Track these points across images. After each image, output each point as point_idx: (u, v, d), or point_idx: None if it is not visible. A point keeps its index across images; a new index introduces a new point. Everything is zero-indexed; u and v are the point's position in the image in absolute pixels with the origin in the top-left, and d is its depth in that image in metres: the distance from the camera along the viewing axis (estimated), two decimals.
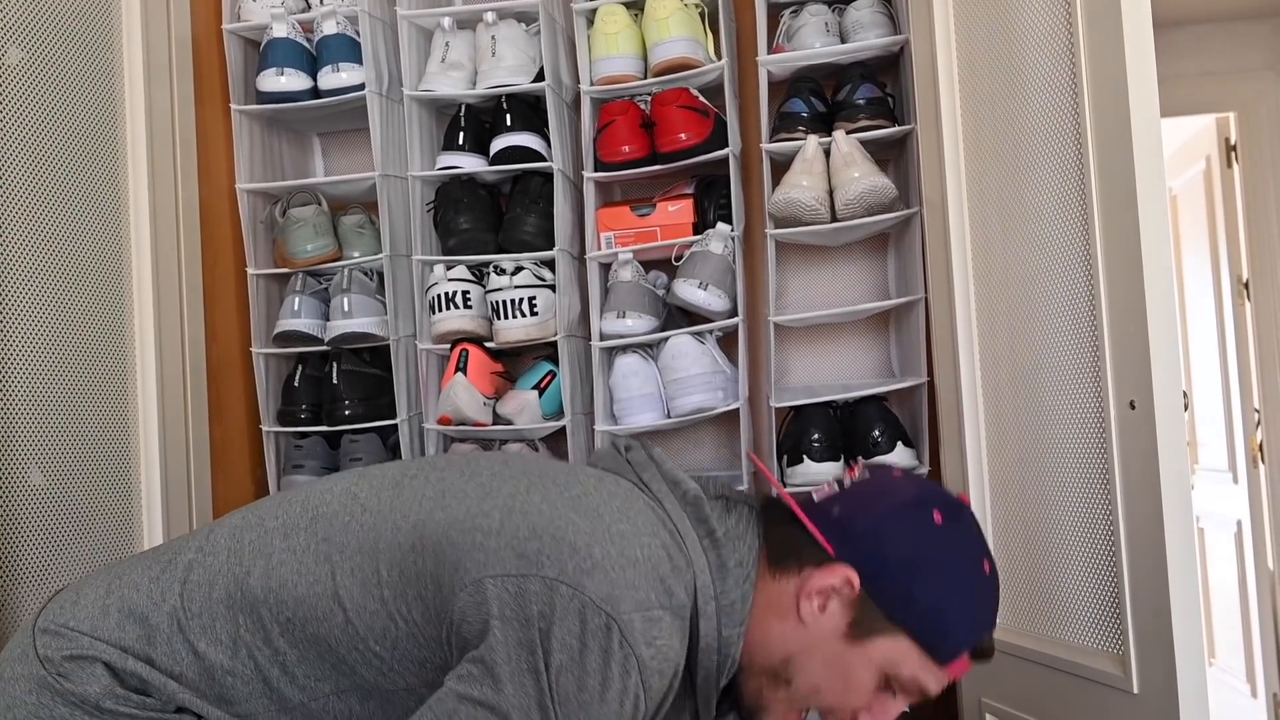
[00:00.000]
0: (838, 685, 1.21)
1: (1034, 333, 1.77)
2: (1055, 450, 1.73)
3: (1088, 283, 1.62)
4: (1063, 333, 1.69)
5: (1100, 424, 1.61)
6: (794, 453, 2.32)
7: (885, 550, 1.20)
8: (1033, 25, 1.73)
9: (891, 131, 2.31)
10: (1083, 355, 1.64)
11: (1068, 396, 1.69)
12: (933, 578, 1.20)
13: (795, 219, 2.30)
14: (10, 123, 1.93)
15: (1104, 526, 1.63)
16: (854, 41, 2.39)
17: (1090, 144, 1.58)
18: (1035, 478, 1.79)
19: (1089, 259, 1.60)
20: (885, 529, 1.21)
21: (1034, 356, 1.78)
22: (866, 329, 2.65)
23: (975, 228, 1.94)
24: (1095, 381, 1.61)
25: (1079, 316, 1.65)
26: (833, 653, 1.21)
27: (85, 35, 2.15)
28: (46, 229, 2.01)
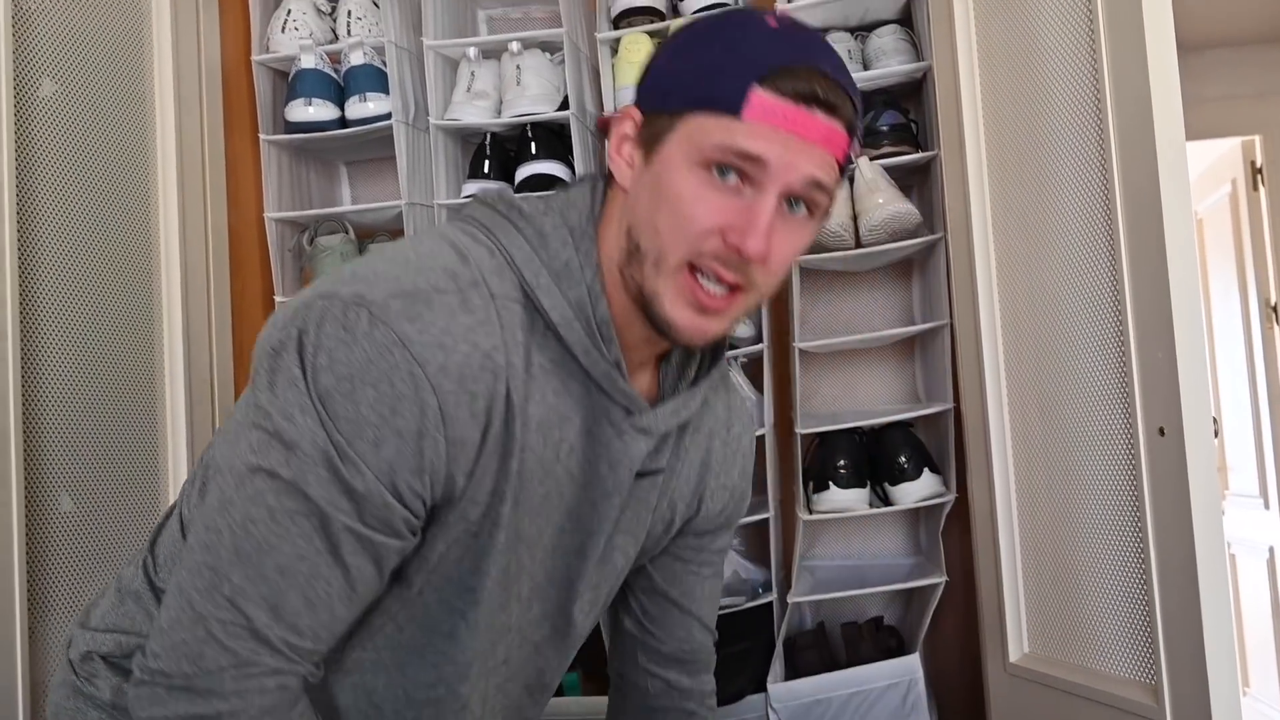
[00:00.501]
0: (666, 207, 1.02)
1: (1061, 358, 1.74)
2: (1084, 476, 1.70)
3: (1114, 307, 1.59)
4: (1090, 358, 1.66)
5: (1129, 450, 1.58)
6: (820, 479, 2.29)
7: (649, 70, 1.09)
8: (1056, 50, 1.71)
9: (915, 158, 2.29)
10: (1110, 381, 1.62)
11: (1096, 422, 1.66)
12: (683, 50, 1.05)
13: (819, 245, 2.28)
14: (44, 153, 1.94)
15: (1135, 554, 1.59)
16: (877, 69, 2.37)
17: (1115, 168, 1.56)
18: (1064, 504, 1.76)
19: (1115, 284, 1.58)
20: (653, 61, 1.10)
21: (1061, 382, 1.75)
22: (891, 354, 2.62)
23: (1000, 253, 1.91)
24: (1124, 407, 1.58)
25: (1106, 342, 1.62)
26: (647, 185, 1.05)
27: (117, 67, 2.16)
28: (78, 257, 2.01)
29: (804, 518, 2.29)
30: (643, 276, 1.04)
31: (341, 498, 0.96)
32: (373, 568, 1.00)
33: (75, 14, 2.03)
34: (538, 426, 1.05)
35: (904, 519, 2.54)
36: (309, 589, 0.98)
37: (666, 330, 1.05)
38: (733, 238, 1.00)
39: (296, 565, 0.97)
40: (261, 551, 0.97)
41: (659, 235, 1.03)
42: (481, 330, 1.00)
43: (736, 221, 1.01)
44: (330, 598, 0.99)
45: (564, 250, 1.07)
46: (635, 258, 1.05)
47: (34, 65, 1.94)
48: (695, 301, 1.03)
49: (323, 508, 0.96)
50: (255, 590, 0.97)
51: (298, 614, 0.98)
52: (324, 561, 0.98)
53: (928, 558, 2.41)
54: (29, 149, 1.90)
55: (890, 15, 2.45)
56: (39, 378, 1.88)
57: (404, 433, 0.96)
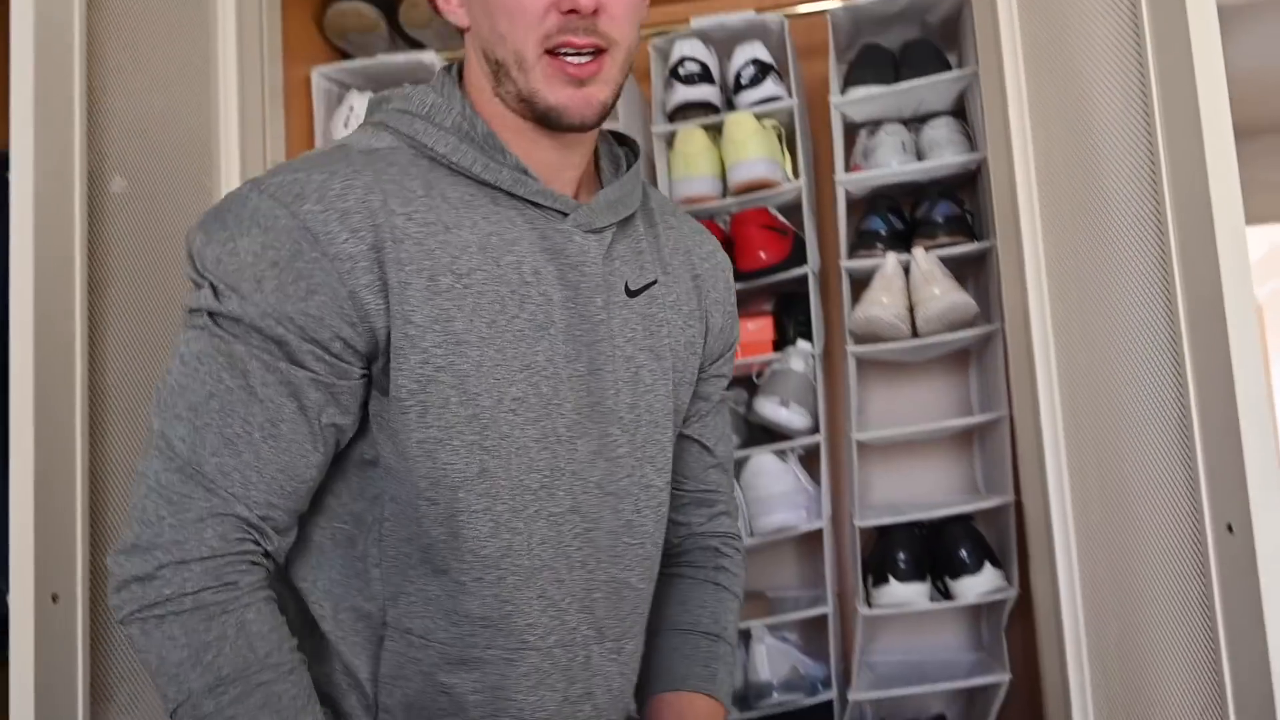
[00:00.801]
0: (499, 12, 1.10)
1: (1124, 453, 1.70)
2: (1151, 574, 1.65)
3: (1178, 401, 1.55)
4: (1154, 452, 1.62)
5: (1197, 547, 1.53)
6: (879, 573, 2.25)
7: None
8: (1112, 140, 1.69)
9: (971, 248, 2.28)
10: (1176, 476, 1.57)
11: (1162, 518, 1.61)
12: None
13: (876, 336, 2.26)
14: (115, 248, 1.95)
15: (1206, 654, 1.54)
16: (931, 160, 2.37)
17: (1175, 256, 1.53)
18: (1131, 601, 1.71)
19: (1178, 376, 1.54)
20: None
21: (1124, 477, 1.71)
22: (949, 445, 2.59)
23: (1060, 344, 1.88)
24: (1190, 503, 1.54)
25: (1170, 435, 1.58)
26: (478, 7, 1.14)
27: (186, 163, 2.19)
28: (149, 351, 2.02)
29: (864, 612, 2.24)
30: (515, 84, 1.12)
31: (239, 337, 1.04)
32: (293, 404, 1.05)
33: (146, 113, 2.06)
34: (479, 249, 1.11)
35: (966, 614, 2.48)
36: (225, 426, 1.04)
37: (558, 116, 1.11)
38: (565, 4, 1.07)
39: (208, 403, 1.05)
40: (175, 393, 1.06)
41: (506, 39, 1.10)
42: (353, 175, 1.07)
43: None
44: (251, 435, 1.04)
45: (429, 96, 1.16)
46: (501, 72, 1.12)
47: (106, 162, 1.97)
48: (567, 77, 1.10)
49: (226, 346, 1.04)
50: (175, 432, 1.05)
51: (217, 451, 1.04)
52: (237, 399, 1.04)
53: (990, 654, 2.35)
54: (100, 243, 1.92)
55: (943, 108, 2.46)
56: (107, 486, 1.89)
57: (279, 262, 1.03)
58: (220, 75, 2.27)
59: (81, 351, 1.82)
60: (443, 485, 1.10)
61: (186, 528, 1.03)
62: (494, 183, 1.13)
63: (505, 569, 1.12)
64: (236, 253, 1.05)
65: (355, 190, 1.06)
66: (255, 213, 1.05)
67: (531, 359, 1.12)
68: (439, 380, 1.08)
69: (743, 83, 2.46)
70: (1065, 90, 1.81)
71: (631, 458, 1.20)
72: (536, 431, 1.12)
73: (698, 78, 2.44)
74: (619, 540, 1.19)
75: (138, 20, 2.04)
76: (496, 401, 1.10)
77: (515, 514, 1.12)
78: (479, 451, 1.10)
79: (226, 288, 1.05)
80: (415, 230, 1.08)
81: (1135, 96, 1.63)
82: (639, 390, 1.21)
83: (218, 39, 2.27)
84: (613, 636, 1.19)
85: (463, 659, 1.12)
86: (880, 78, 2.41)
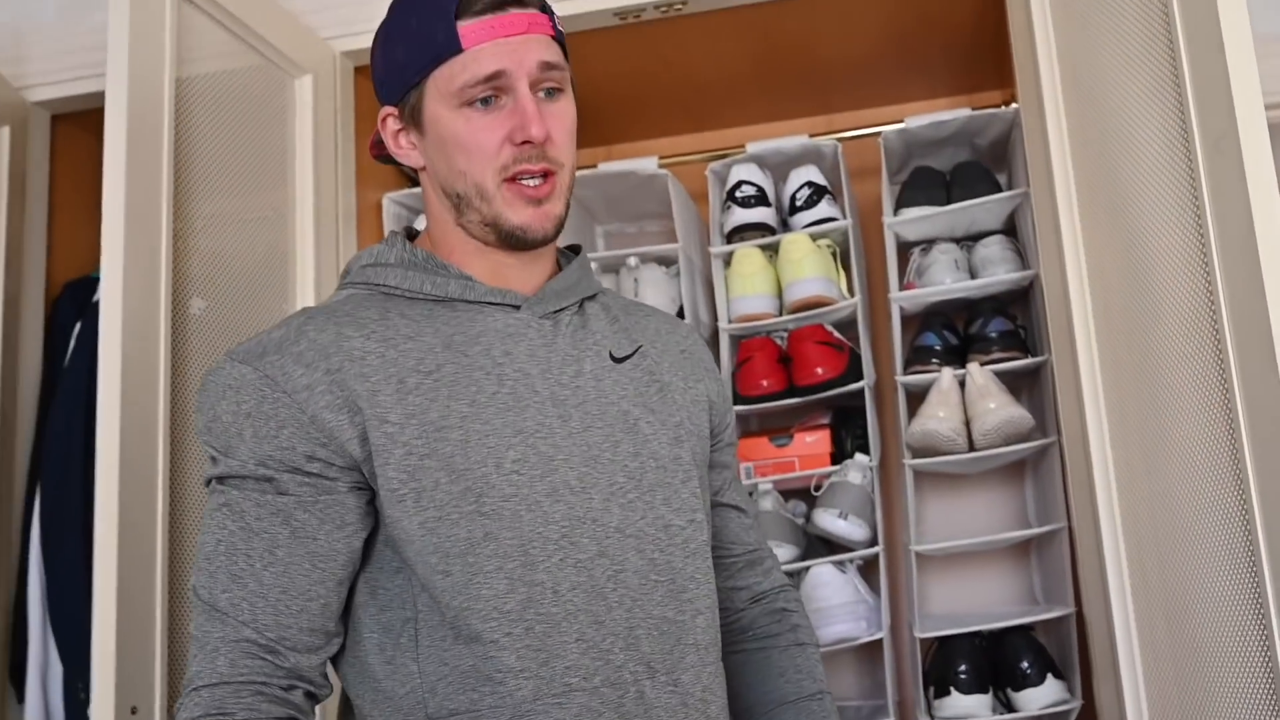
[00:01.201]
0: (457, 151, 1.23)
1: (1187, 564, 1.69)
2: (1218, 687, 1.63)
3: (1243, 518, 1.54)
4: (1219, 567, 1.60)
5: (1265, 658, 1.51)
6: (940, 684, 2.23)
7: (375, 72, 1.30)
8: (1166, 256, 1.70)
9: (1025, 363, 2.29)
10: (1243, 590, 1.56)
11: (1227, 630, 1.59)
12: (391, 40, 1.27)
13: (933, 449, 2.27)
14: (194, 368, 2.00)
15: None
16: (984, 277, 2.39)
17: (1234, 367, 1.52)
18: (1198, 715, 1.68)
19: (1242, 492, 1.53)
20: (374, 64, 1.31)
21: (1188, 588, 1.69)
22: (1007, 556, 2.57)
23: (1118, 455, 1.88)
24: (1258, 618, 1.52)
25: (1236, 551, 1.56)
26: (433, 146, 1.25)
27: (261, 287, 2.25)
28: None
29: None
30: (478, 213, 1.24)
31: (236, 487, 1.16)
32: (285, 530, 1.15)
33: (225, 237, 2.12)
34: (445, 348, 1.21)
35: None
36: (231, 564, 1.15)
37: (522, 234, 1.24)
38: (518, 136, 1.20)
39: (216, 549, 1.16)
40: (198, 552, 1.18)
41: (466, 175, 1.23)
42: (306, 323, 1.20)
43: (513, 124, 1.21)
44: (253, 566, 1.15)
45: (376, 248, 1.30)
46: (463, 203, 1.25)
47: (186, 284, 2.02)
48: (526, 199, 1.23)
49: (225, 498, 1.17)
50: (198, 582, 1.17)
51: (227, 588, 1.15)
52: (238, 539, 1.15)
53: None
54: (181, 362, 1.96)
55: (995, 226, 2.49)
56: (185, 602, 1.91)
57: (251, 412, 1.15)
58: (297, 200, 2.35)
59: (163, 469, 1.86)
60: (451, 555, 1.16)
61: (205, 659, 1.15)
62: (444, 295, 1.25)
63: (531, 619, 1.16)
64: (219, 418, 1.17)
65: (307, 334, 1.19)
66: (228, 378, 1.18)
67: (521, 425, 1.20)
68: (425, 466, 1.16)
69: (798, 204, 2.50)
70: (1116, 210, 1.83)
71: (641, 501, 1.25)
72: (546, 486, 1.19)
73: (754, 200, 2.49)
74: (648, 579, 1.23)
75: (220, 151, 2.12)
76: (495, 468, 1.17)
77: (529, 568, 1.17)
78: (478, 518, 1.16)
79: (218, 451, 1.18)
80: (374, 346, 1.19)
81: (1188, 207, 1.64)
82: (639, 440, 1.27)
83: (294, 166, 2.35)
84: (664, 670, 1.22)
85: (516, 715, 1.15)
86: (932, 199, 2.45)
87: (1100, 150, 1.87)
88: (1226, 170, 1.49)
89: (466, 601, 1.15)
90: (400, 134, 1.29)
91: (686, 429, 1.34)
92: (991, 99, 2.73)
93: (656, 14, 2.32)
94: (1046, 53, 1.98)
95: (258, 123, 2.23)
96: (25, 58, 2.49)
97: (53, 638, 2.23)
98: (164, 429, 1.86)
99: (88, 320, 2.36)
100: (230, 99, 2.15)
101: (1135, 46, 1.74)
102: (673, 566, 1.26)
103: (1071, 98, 1.95)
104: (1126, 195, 1.79)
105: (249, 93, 2.21)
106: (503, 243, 1.26)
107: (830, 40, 2.52)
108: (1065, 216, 1.94)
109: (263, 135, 2.25)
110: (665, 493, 1.28)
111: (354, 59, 2.48)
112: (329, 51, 2.43)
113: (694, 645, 1.26)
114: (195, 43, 2.04)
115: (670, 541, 1.26)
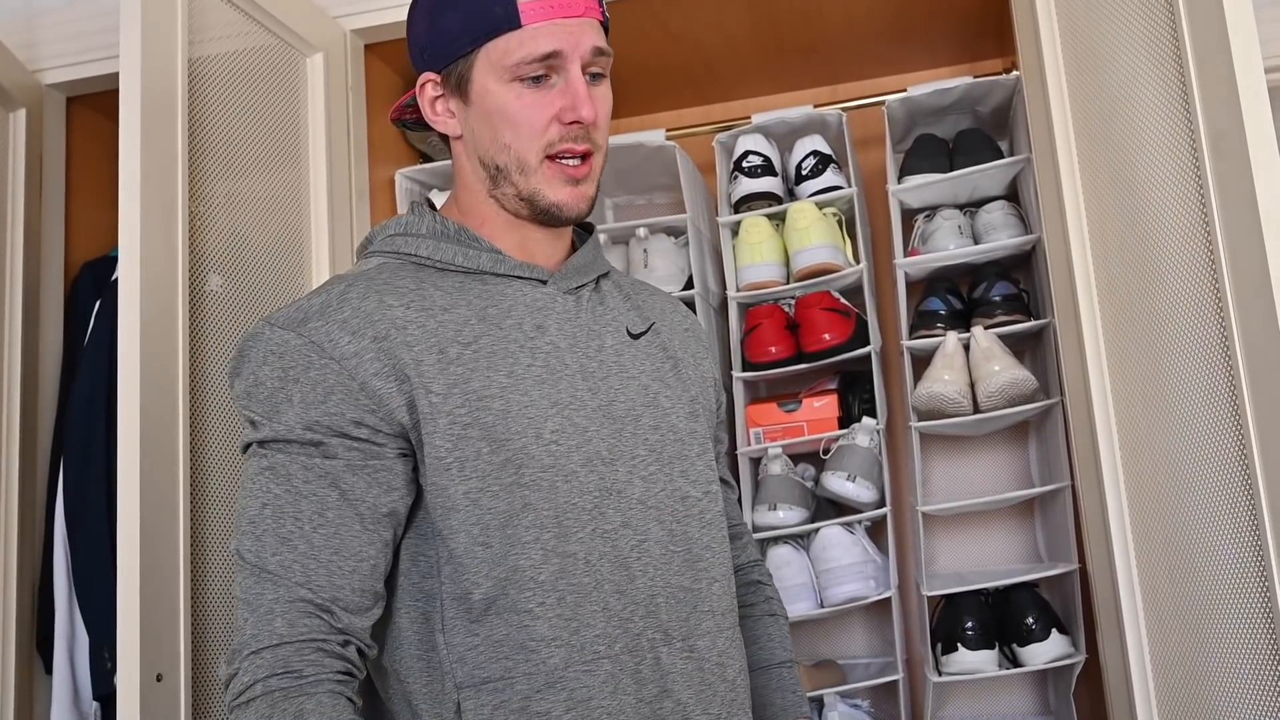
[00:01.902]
0: (504, 123, 1.22)
1: (1190, 523, 1.68)
2: (1222, 643, 1.62)
3: (1244, 474, 1.53)
4: (1221, 522, 1.60)
5: (1268, 617, 1.50)
6: (948, 641, 2.23)
7: (418, 39, 1.27)
8: (1167, 218, 1.69)
9: (1029, 325, 2.27)
10: (1244, 545, 1.55)
11: (1230, 588, 1.59)
12: (439, 8, 1.24)
13: (939, 412, 2.26)
14: (211, 344, 2.00)
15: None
16: (987, 242, 2.37)
17: (1235, 327, 1.52)
18: (1201, 669, 1.68)
19: (1243, 449, 1.52)
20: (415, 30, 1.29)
21: (1190, 542, 1.68)
22: (1012, 515, 2.57)
23: (1120, 414, 1.87)
24: (1260, 573, 1.52)
25: (1237, 506, 1.56)
26: (477, 117, 1.24)
27: (277, 263, 2.24)
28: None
29: (933, 679, 2.22)
30: (515, 186, 1.24)
31: (281, 450, 1.14)
32: (334, 493, 1.13)
33: (239, 218, 2.11)
34: (479, 320, 1.21)
35: (1033, 680, 2.45)
36: (279, 528, 1.13)
37: (558, 211, 1.24)
38: (568, 115, 1.21)
39: (262, 512, 1.14)
40: (240, 516, 1.15)
41: (510, 148, 1.22)
42: (347, 290, 1.19)
43: (564, 104, 1.21)
44: (302, 529, 1.13)
45: (403, 218, 1.29)
46: (501, 175, 1.24)
47: (203, 262, 2.01)
48: (566, 177, 1.23)
49: (269, 462, 1.14)
50: (244, 546, 1.14)
51: (277, 551, 1.12)
52: (285, 502, 1.13)
53: (1059, 718, 2.31)
54: (199, 339, 1.96)
55: (997, 192, 2.47)
56: (208, 572, 1.92)
57: (298, 378, 1.14)
58: (311, 177, 2.33)
59: (184, 442, 1.86)
60: (491, 528, 1.16)
61: (259, 621, 1.12)
62: (475, 268, 1.25)
63: (563, 589, 1.17)
64: (262, 383, 1.16)
65: (350, 301, 1.18)
66: (269, 344, 1.16)
67: (556, 397, 1.20)
68: (468, 436, 1.16)
69: (804, 173, 2.49)
70: (1117, 174, 1.81)
71: (662, 474, 1.27)
72: (581, 457, 1.20)
73: (760, 170, 2.47)
74: (667, 549, 1.25)
75: (234, 128, 2.11)
76: (535, 438, 1.18)
77: (563, 539, 1.17)
78: (518, 489, 1.16)
79: (262, 416, 1.15)
80: (415, 315, 1.18)
81: (1188, 169, 1.63)
82: (659, 414, 1.29)
83: (308, 144, 2.34)
84: (680, 636, 1.23)
85: (549, 683, 1.16)
86: (935, 166, 2.43)
87: (1101, 115, 1.86)
88: (1227, 132, 1.48)
89: (505, 573, 1.16)
90: (438, 100, 1.28)
91: (700, 404, 1.36)
92: (993, 67, 2.70)
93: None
94: (1047, 20, 1.96)
95: (270, 101, 2.22)
96: (39, 41, 2.48)
97: (78, 609, 2.24)
98: (183, 403, 1.86)
99: (107, 299, 2.35)
100: (242, 78, 2.13)
101: (1135, 11, 1.72)
102: (689, 536, 1.27)
103: (1072, 64, 1.93)
104: (1127, 159, 1.78)
105: (261, 72, 2.19)
106: (535, 217, 1.26)
107: (833, 11, 2.50)
108: (1067, 181, 1.92)
109: (275, 114, 2.24)
110: (683, 465, 1.29)
111: (364, 37, 2.46)
112: (339, 30, 2.41)
113: (710, 612, 1.27)
114: (207, 23, 2.03)
115: (688, 513, 1.28)
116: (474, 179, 1.28)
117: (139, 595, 1.72)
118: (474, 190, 1.28)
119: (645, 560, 1.22)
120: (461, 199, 1.30)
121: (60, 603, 2.26)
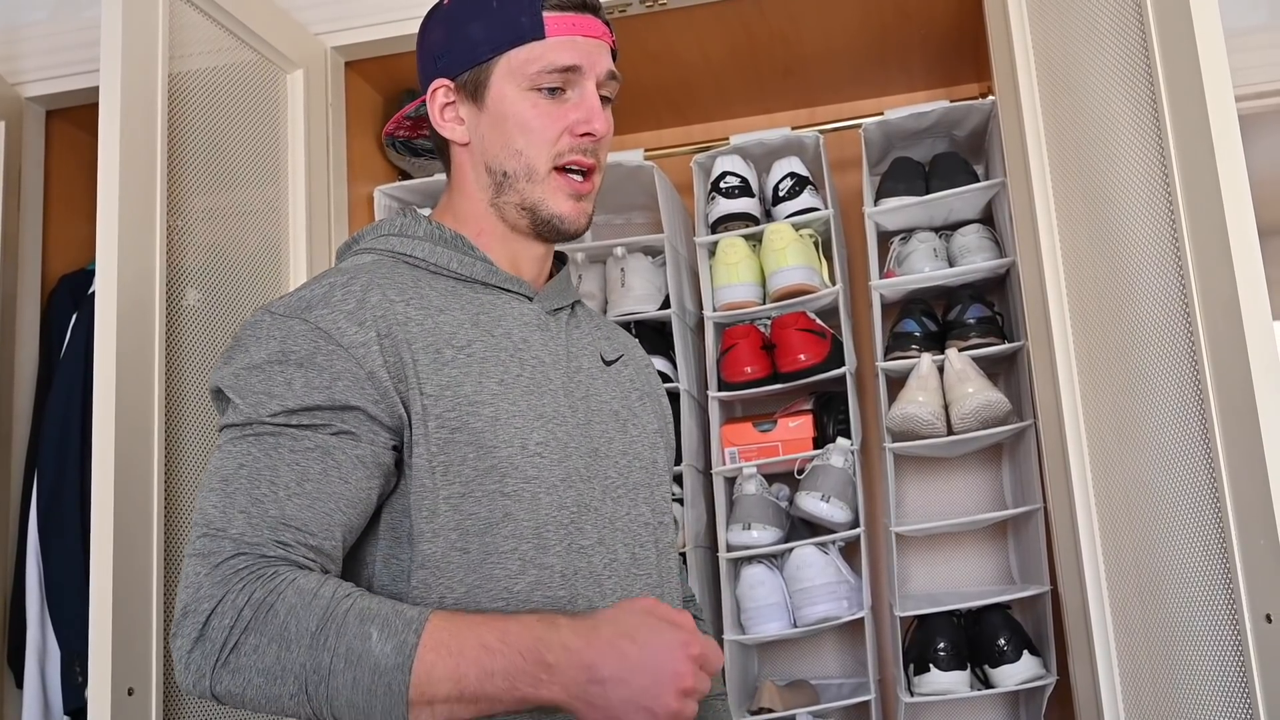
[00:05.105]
0: (517, 130, 1.24)
1: (1160, 543, 1.69)
2: (1190, 662, 1.63)
3: (1213, 497, 1.54)
4: (1190, 545, 1.60)
5: (1236, 639, 1.51)
6: (920, 662, 2.23)
7: (434, 45, 1.28)
8: (1139, 244, 1.70)
9: (1002, 348, 2.28)
10: (1213, 568, 1.56)
11: (1199, 609, 1.59)
12: (462, 16, 1.25)
13: (913, 433, 2.26)
14: (188, 358, 1.99)
15: None
16: (962, 265, 2.38)
17: (1205, 352, 1.53)
18: (1171, 691, 1.68)
19: (1213, 472, 1.53)
20: (432, 37, 1.30)
21: (1161, 567, 1.69)
22: (985, 536, 2.57)
23: (1093, 440, 1.88)
24: (1228, 595, 1.52)
25: (1206, 530, 1.56)
26: (489, 123, 1.25)
27: (254, 279, 2.23)
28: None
29: (905, 700, 2.21)
30: (520, 193, 1.25)
31: (269, 423, 1.11)
32: (319, 465, 1.10)
33: (218, 233, 2.11)
34: (472, 325, 1.20)
35: (1005, 701, 2.45)
36: (253, 488, 1.09)
37: (559, 224, 1.26)
38: (580, 128, 1.23)
39: (238, 472, 1.10)
40: (209, 476, 1.12)
41: (521, 155, 1.24)
42: (350, 281, 1.17)
43: (578, 116, 1.24)
44: (276, 494, 1.09)
45: (396, 219, 1.28)
46: (506, 183, 1.25)
47: (181, 277, 2.00)
48: (571, 191, 1.25)
49: (254, 432, 1.11)
50: (208, 503, 1.10)
51: (245, 509, 1.08)
52: (263, 465, 1.09)
53: None
54: (176, 353, 1.95)
55: (972, 215, 2.48)
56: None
57: (301, 361, 1.12)
58: (290, 193, 2.33)
59: (158, 456, 1.84)
60: (471, 534, 1.15)
61: (219, 570, 1.06)
62: (469, 275, 1.25)
63: (536, 601, 1.16)
64: (259, 365, 1.13)
65: (354, 292, 1.17)
66: (270, 329, 1.15)
67: (542, 410, 1.20)
68: (456, 440, 1.15)
69: (781, 195, 2.49)
70: (1091, 199, 1.82)
71: (628, 498, 1.28)
72: (562, 471, 1.20)
73: (738, 191, 2.48)
74: (630, 572, 1.25)
75: (214, 143, 2.10)
76: (520, 449, 1.17)
77: (542, 551, 1.17)
78: (500, 498, 1.16)
79: (257, 395, 1.12)
80: (414, 314, 1.17)
81: (1160, 195, 1.64)
82: (627, 440, 1.30)
83: (287, 160, 2.33)
84: None
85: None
86: (911, 189, 2.44)
87: (1075, 141, 1.87)
88: (1198, 159, 1.49)
89: (478, 580, 1.15)
90: (448, 107, 1.28)
91: (662, 437, 1.39)
92: (969, 91, 2.72)
93: (642, 8, 2.31)
94: (1022, 45, 1.98)
95: (250, 117, 2.21)
96: (19, 54, 2.47)
97: (50, 623, 2.22)
98: (159, 418, 1.85)
99: (83, 312, 2.34)
100: (223, 94, 2.13)
101: (1109, 39, 1.73)
102: (649, 561, 1.28)
103: (1047, 90, 1.95)
104: (1101, 185, 1.79)
105: (241, 88, 2.19)
106: (535, 228, 1.27)
107: (811, 34, 2.52)
108: (1041, 205, 1.94)
109: (255, 129, 2.23)
110: (646, 492, 1.31)
111: (344, 54, 2.46)
112: (320, 47, 2.41)
113: None
114: (187, 38, 2.03)
115: (649, 538, 1.29)
116: (476, 187, 1.28)
117: (112, 609, 1.71)
118: (474, 199, 1.28)
119: (615, 579, 1.23)
120: (459, 207, 1.30)
121: (32, 616, 2.24)
